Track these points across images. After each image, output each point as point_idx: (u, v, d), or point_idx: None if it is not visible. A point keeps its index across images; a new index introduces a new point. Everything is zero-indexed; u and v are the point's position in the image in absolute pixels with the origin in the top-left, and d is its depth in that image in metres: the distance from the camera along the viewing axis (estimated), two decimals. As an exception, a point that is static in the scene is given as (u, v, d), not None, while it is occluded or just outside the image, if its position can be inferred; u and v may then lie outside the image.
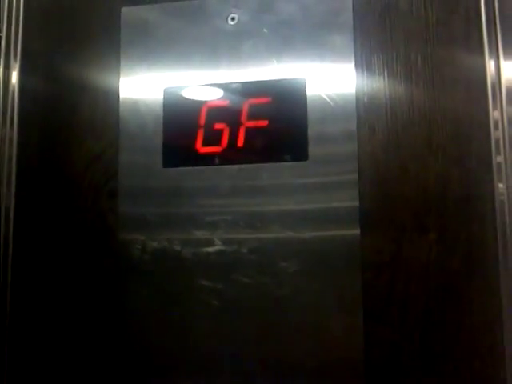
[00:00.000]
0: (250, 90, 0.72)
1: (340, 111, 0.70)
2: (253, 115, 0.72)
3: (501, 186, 0.65)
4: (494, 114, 0.67)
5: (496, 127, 0.67)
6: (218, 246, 0.70)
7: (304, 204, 0.69)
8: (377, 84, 0.71)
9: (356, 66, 0.71)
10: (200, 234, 0.71)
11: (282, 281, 0.69)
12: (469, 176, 0.67)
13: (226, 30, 0.74)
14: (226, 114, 0.73)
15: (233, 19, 0.74)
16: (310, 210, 0.69)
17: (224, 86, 0.73)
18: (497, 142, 0.66)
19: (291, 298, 0.68)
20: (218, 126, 0.72)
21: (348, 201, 0.68)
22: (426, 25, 0.71)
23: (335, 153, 0.70)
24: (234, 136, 0.71)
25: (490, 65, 0.68)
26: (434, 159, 0.68)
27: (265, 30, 0.73)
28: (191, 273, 0.71)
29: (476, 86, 0.68)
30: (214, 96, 0.73)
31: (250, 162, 0.71)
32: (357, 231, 0.68)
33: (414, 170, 0.68)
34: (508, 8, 0.68)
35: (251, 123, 0.71)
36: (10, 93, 0.78)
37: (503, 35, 0.68)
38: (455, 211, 0.67)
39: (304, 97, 0.71)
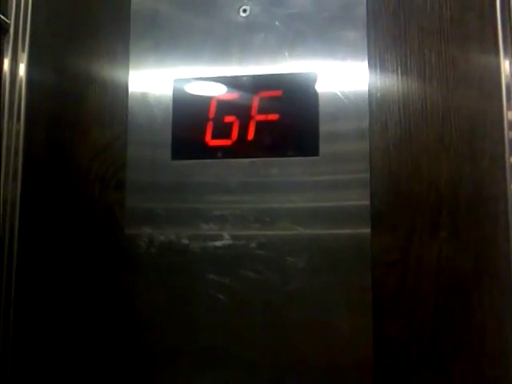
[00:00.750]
0: (261, 83, 0.71)
1: (352, 107, 0.69)
2: (263, 109, 0.71)
3: (513, 187, 0.65)
4: (509, 115, 0.66)
5: (510, 128, 0.66)
6: (226, 241, 0.70)
7: (314, 200, 0.69)
8: (390, 80, 0.70)
9: (369, 61, 0.70)
10: (208, 228, 0.70)
11: (290, 277, 0.68)
12: (481, 175, 0.67)
13: (238, 22, 0.73)
14: (236, 108, 0.72)
15: (244, 11, 0.73)
16: (320, 206, 0.68)
17: (234, 79, 0.72)
18: (510, 142, 0.66)
19: (299, 294, 0.67)
20: (228, 119, 0.72)
21: (359, 198, 0.68)
22: (440, 21, 0.70)
23: (347, 149, 0.69)
24: (243, 130, 0.71)
25: (505, 65, 0.67)
26: (447, 157, 0.68)
27: (277, 23, 0.72)
28: (198, 267, 0.70)
29: (490, 84, 0.68)
30: (224, 89, 0.73)
31: (260, 156, 0.70)
32: (367, 229, 0.67)
33: (426, 167, 0.68)
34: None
35: (261, 117, 0.71)
36: (18, 85, 0.77)
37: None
38: (467, 210, 0.66)
39: (315, 92, 0.70)
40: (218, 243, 0.70)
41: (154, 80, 0.75)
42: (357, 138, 0.69)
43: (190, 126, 0.73)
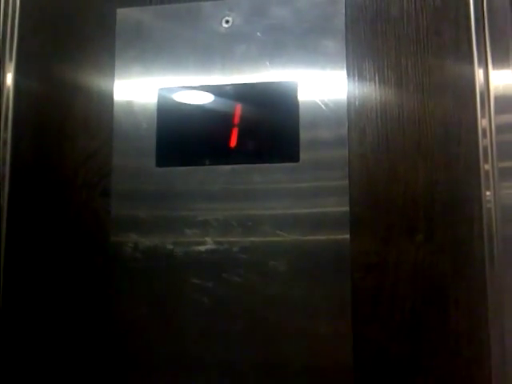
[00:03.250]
0: (243, 91, 0.73)
1: (331, 115, 0.71)
2: (245, 117, 0.73)
3: (488, 193, 0.67)
4: (483, 123, 0.68)
5: (484, 135, 0.68)
6: (209, 246, 0.71)
7: (294, 206, 0.70)
8: (368, 88, 0.72)
9: (347, 70, 0.72)
10: (192, 233, 0.72)
11: (272, 280, 0.69)
12: (457, 180, 0.69)
13: (220, 32, 0.75)
14: (219, 116, 0.74)
15: (227, 22, 0.75)
16: (301, 211, 0.70)
17: (217, 88, 0.74)
18: (485, 149, 0.68)
19: (281, 298, 0.69)
20: (211, 126, 0.73)
21: (338, 203, 0.69)
22: (416, 31, 0.72)
23: (326, 155, 0.71)
24: (226, 137, 0.72)
25: (479, 73, 0.69)
26: (423, 163, 0.69)
27: (258, 34, 0.74)
28: (183, 271, 0.71)
29: (465, 92, 0.70)
30: (207, 97, 0.74)
31: (242, 163, 0.72)
32: (346, 232, 0.69)
33: (402, 173, 0.70)
34: (497, 18, 0.70)
35: (243, 125, 0.72)
36: (5, 95, 0.78)
37: (492, 44, 0.69)
38: (443, 214, 0.68)
39: (296, 100, 0.72)
40: (201, 248, 0.71)
41: (138, 89, 0.76)
42: (336, 145, 0.71)
43: (174, 133, 0.74)
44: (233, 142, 0.72)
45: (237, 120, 0.73)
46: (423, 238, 0.68)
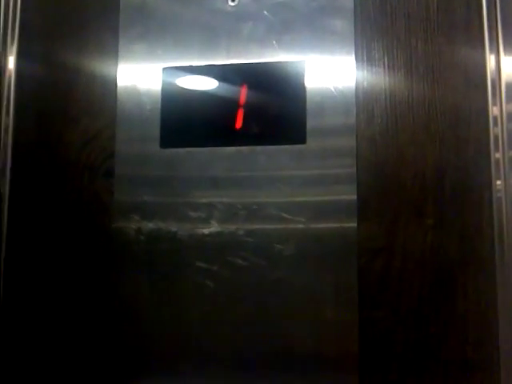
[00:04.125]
0: (249, 72, 0.72)
1: (339, 96, 0.70)
2: (251, 97, 0.71)
3: (498, 182, 0.65)
4: (494, 110, 0.67)
5: (495, 123, 0.66)
6: (213, 228, 0.70)
7: (300, 188, 0.69)
8: (376, 69, 0.70)
9: (356, 51, 0.71)
10: (196, 215, 0.71)
11: (277, 264, 0.68)
12: (466, 164, 0.67)
13: (226, 10, 0.74)
14: (224, 96, 0.72)
15: (233, 0, 0.74)
16: (307, 194, 0.69)
17: (223, 68, 0.72)
18: (495, 138, 0.66)
19: (286, 281, 0.68)
20: (216, 107, 0.72)
21: (345, 186, 0.68)
22: (426, 11, 0.71)
23: (334, 137, 0.69)
24: (231, 118, 0.71)
25: (491, 59, 0.67)
26: (432, 146, 0.68)
27: (265, 12, 0.72)
28: (187, 254, 0.70)
29: (475, 74, 0.68)
30: (212, 77, 0.73)
31: (248, 145, 0.71)
32: (354, 216, 0.68)
33: (411, 156, 0.68)
34: (509, 1, 0.68)
35: (249, 105, 0.71)
36: (7, 79, 0.77)
37: (504, 29, 0.67)
38: (452, 198, 0.67)
39: (303, 80, 0.70)
40: (205, 231, 0.70)
41: (142, 69, 0.75)
42: (344, 127, 0.69)
43: (179, 114, 0.73)
44: (238, 124, 0.71)
45: (242, 101, 0.71)
46: (432, 223, 0.67)
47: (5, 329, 0.74)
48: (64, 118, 0.77)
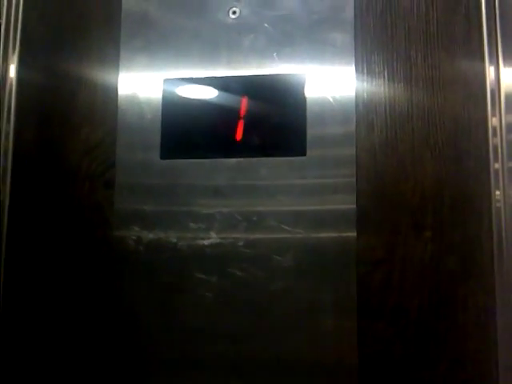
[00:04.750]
0: (249, 84, 0.72)
1: (339, 108, 0.70)
2: (251, 109, 0.72)
3: (497, 192, 0.65)
4: (493, 121, 0.67)
5: (494, 134, 0.67)
6: (213, 240, 0.70)
7: (300, 200, 0.69)
8: (376, 82, 0.71)
9: (356, 63, 0.71)
10: (196, 226, 0.71)
11: (276, 275, 0.68)
12: (466, 176, 0.68)
13: (227, 23, 0.74)
14: (225, 108, 0.73)
15: (234, 13, 0.74)
16: (307, 206, 0.69)
17: (223, 80, 0.73)
18: (495, 148, 0.66)
19: (286, 293, 0.68)
20: (217, 119, 0.72)
21: (345, 198, 0.68)
22: (426, 24, 0.71)
23: (334, 149, 0.70)
24: (232, 130, 0.71)
25: (490, 71, 0.68)
26: (432, 157, 0.68)
27: (266, 25, 0.73)
28: (186, 265, 0.70)
29: (475, 87, 0.69)
30: (213, 89, 0.73)
31: (248, 156, 0.71)
32: (353, 228, 0.68)
33: (411, 168, 0.69)
34: (508, 13, 0.68)
35: (250, 117, 0.71)
36: (8, 87, 0.77)
37: (503, 41, 0.68)
38: (451, 210, 0.67)
39: (303, 93, 0.71)
40: (205, 242, 0.70)
41: (143, 79, 0.75)
42: (343, 139, 0.70)
43: (180, 125, 0.73)
44: (239, 135, 0.71)
45: (243, 112, 0.72)
46: (431, 235, 0.67)
47: (5, 338, 0.74)
48: (65, 127, 0.77)
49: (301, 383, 0.67)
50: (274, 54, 0.72)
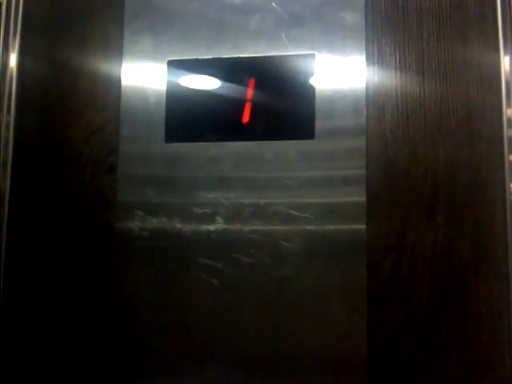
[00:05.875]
0: (257, 65, 0.70)
1: (349, 90, 0.68)
2: (259, 91, 0.70)
3: (512, 185, 0.64)
4: (508, 112, 0.65)
5: (509, 125, 0.65)
6: (219, 225, 0.69)
7: (308, 184, 0.68)
8: (387, 64, 0.69)
9: (366, 45, 0.69)
10: (201, 212, 0.69)
11: (283, 263, 0.67)
12: (479, 160, 0.66)
13: (234, 3, 0.72)
14: (231, 90, 0.71)
15: (241, -8, 0.72)
16: (315, 190, 0.67)
17: (230, 61, 0.71)
18: (510, 140, 0.64)
19: (293, 279, 0.66)
20: (223, 101, 0.70)
21: (355, 183, 0.67)
22: (439, 5, 0.69)
23: (343, 132, 0.68)
24: (238, 112, 0.70)
25: (505, 61, 0.65)
26: (444, 142, 0.67)
27: (273, 4, 0.71)
28: (191, 251, 0.69)
29: (488, 71, 0.67)
30: (219, 70, 0.71)
31: (255, 140, 0.69)
32: (363, 213, 0.66)
33: (423, 152, 0.67)
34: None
35: (257, 99, 0.70)
36: (8, 76, 0.75)
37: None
38: (464, 196, 0.65)
39: (312, 74, 0.69)
40: (211, 227, 0.69)
41: (147, 61, 0.73)
42: (354, 122, 0.68)
43: (185, 107, 0.72)
44: (245, 118, 0.69)
45: (250, 95, 0.70)
46: (443, 221, 0.65)
47: (6, 325, 0.72)
48: (67, 112, 0.76)
49: (309, 370, 0.66)
50: (283, 35, 0.70)
